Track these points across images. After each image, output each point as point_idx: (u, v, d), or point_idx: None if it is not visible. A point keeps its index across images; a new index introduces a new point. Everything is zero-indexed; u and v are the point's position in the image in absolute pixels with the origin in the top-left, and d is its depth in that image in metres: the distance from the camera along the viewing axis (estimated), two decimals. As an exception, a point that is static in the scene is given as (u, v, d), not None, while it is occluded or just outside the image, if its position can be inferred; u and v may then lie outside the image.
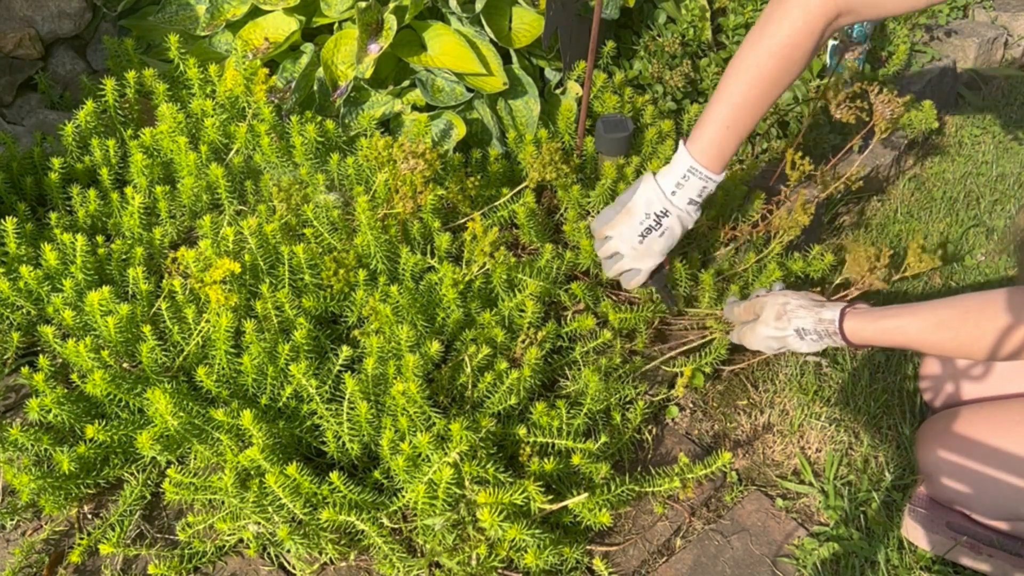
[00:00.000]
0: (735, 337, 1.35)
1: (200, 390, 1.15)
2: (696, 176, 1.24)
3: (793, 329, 1.25)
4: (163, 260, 1.37)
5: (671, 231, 1.28)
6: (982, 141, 2.26)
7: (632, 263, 1.31)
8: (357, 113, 1.59)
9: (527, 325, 1.25)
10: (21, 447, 1.10)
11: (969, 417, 1.20)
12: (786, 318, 1.25)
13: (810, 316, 1.23)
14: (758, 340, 1.29)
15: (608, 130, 1.49)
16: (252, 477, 1.07)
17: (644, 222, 1.27)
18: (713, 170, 1.24)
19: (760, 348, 1.30)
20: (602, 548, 1.18)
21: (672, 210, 1.26)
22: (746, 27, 1.89)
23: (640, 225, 1.27)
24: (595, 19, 1.36)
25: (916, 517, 1.20)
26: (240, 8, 1.68)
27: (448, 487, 1.03)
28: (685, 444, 1.34)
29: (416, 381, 1.07)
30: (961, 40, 2.53)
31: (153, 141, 1.48)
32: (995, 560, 1.15)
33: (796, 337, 1.25)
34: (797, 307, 1.25)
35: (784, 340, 1.27)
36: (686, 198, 1.26)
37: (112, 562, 1.10)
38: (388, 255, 1.33)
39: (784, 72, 1.18)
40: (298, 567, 1.09)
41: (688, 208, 1.27)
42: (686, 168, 1.24)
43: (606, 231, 1.31)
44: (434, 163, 1.26)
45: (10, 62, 1.75)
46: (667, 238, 1.29)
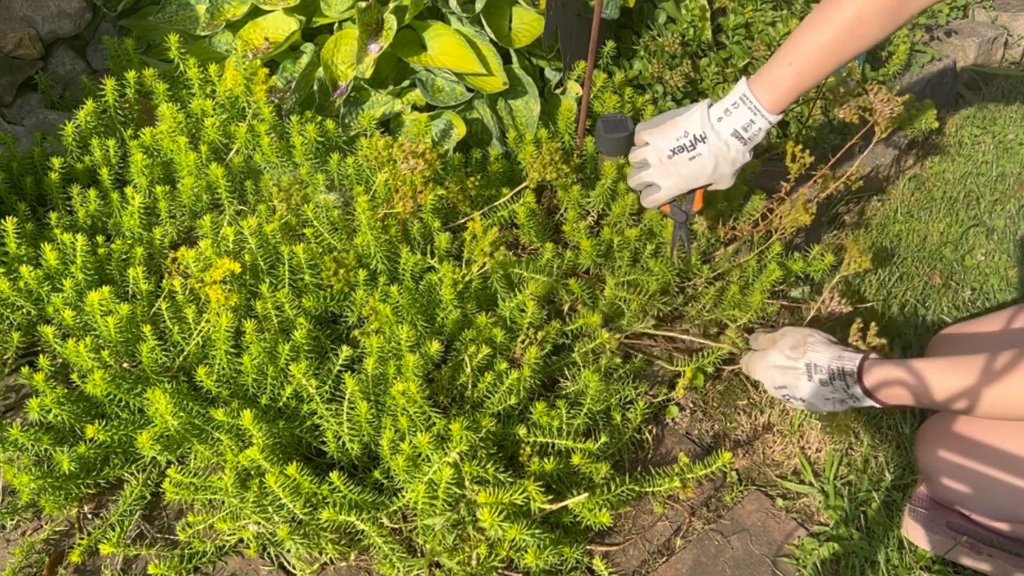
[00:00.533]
0: (743, 363, 1.31)
1: (200, 390, 1.15)
2: (746, 105, 1.19)
3: (804, 363, 1.17)
4: (163, 260, 1.37)
5: (702, 159, 1.22)
6: (982, 141, 2.26)
7: (655, 177, 1.26)
8: (357, 113, 1.59)
9: (527, 325, 1.25)
10: (21, 447, 1.10)
11: (969, 418, 1.20)
12: (802, 349, 1.18)
13: (828, 352, 1.16)
14: (763, 368, 1.23)
15: (608, 130, 1.49)
16: (252, 477, 1.07)
17: (680, 140, 1.22)
18: (765, 104, 1.17)
19: (762, 379, 1.24)
20: (602, 548, 1.18)
21: (711, 136, 1.20)
22: (746, 27, 1.89)
23: (676, 141, 1.23)
24: (595, 19, 1.36)
25: (916, 517, 1.20)
26: (240, 8, 1.68)
27: (448, 487, 1.03)
28: (685, 444, 1.34)
29: (416, 381, 1.07)
30: (961, 40, 2.53)
31: (153, 141, 1.48)
32: (995, 560, 1.15)
33: (804, 374, 1.17)
34: (818, 342, 1.19)
35: (789, 374, 1.19)
36: (731, 128, 1.20)
37: (112, 562, 1.10)
38: (388, 255, 1.33)
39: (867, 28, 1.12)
40: (298, 567, 1.09)
41: (730, 140, 1.20)
42: (738, 96, 1.20)
43: (645, 136, 1.27)
44: (434, 163, 1.26)
45: (10, 62, 1.75)
46: (696, 165, 1.22)
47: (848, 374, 1.13)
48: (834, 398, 1.16)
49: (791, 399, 1.22)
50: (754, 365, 1.26)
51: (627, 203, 1.44)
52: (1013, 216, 1.93)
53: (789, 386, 1.20)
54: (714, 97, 1.79)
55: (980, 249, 1.83)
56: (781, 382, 1.20)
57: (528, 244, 1.48)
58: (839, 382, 1.14)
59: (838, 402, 1.17)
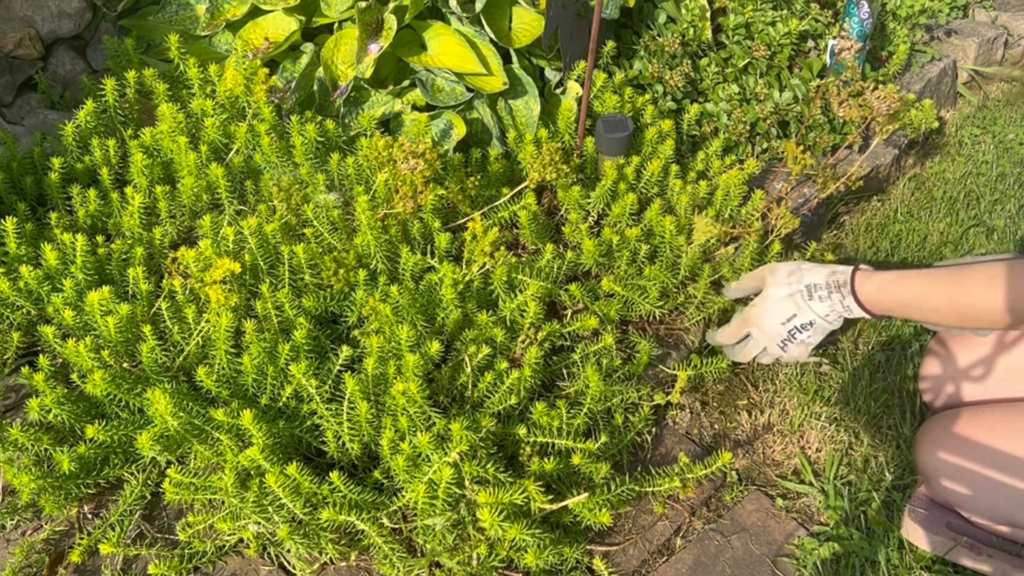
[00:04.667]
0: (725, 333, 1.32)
1: (200, 390, 1.15)
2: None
3: (805, 285, 1.20)
4: (163, 260, 1.37)
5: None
6: (982, 141, 2.26)
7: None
8: (357, 113, 1.59)
9: (527, 325, 1.25)
10: (21, 447, 1.10)
11: (970, 419, 1.20)
12: (798, 274, 1.22)
13: (822, 270, 1.20)
14: (767, 308, 1.24)
15: (608, 130, 1.49)
16: (252, 477, 1.07)
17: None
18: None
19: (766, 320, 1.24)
20: (602, 548, 1.18)
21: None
22: (746, 27, 1.89)
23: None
24: (595, 19, 1.36)
25: (916, 517, 1.20)
26: (240, 8, 1.68)
27: (448, 487, 1.03)
28: (685, 444, 1.34)
29: (416, 381, 1.07)
30: (961, 40, 2.53)
31: (153, 141, 1.48)
32: (995, 560, 1.15)
33: (806, 296, 1.20)
34: (809, 265, 1.23)
35: (797, 298, 1.20)
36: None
37: (112, 562, 1.10)
38: (388, 255, 1.33)
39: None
40: (298, 567, 1.09)
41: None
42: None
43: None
44: (434, 163, 1.26)
45: (10, 62, 1.75)
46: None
47: (843, 285, 1.17)
48: (833, 314, 1.19)
49: (797, 332, 1.23)
50: (753, 315, 1.27)
51: (627, 203, 1.44)
52: (1013, 216, 1.93)
53: (800, 311, 1.22)
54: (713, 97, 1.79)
55: (980, 249, 1.83)
56: (792, 310, 1.22)
57: (529, 244, 1.48)
58: (836, 295, 1.17)
59: (836, 318, 1.20)
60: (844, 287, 1.18)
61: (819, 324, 1.23)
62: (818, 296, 1.20)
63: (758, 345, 1.30)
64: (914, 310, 1.15)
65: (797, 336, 1.25)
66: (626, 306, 1.41)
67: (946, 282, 1.11)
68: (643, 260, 1.44)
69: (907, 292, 1.14)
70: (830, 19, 2.04)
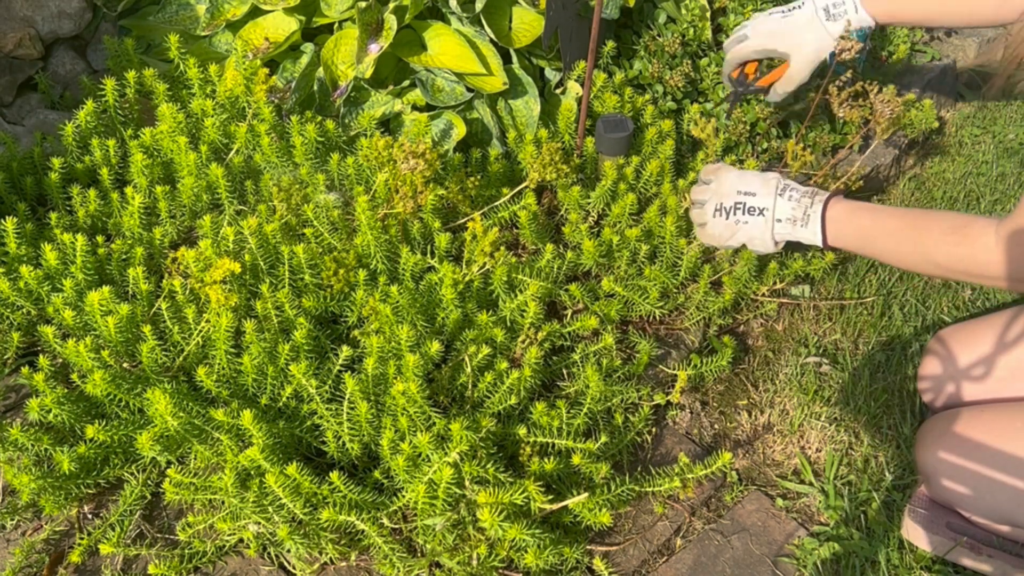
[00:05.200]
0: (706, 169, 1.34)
1: (200, 390, 1.15)
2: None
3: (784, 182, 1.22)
4: (163, 260, 1.37)
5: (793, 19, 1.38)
6: (982, 141, 2.26)
7: (748, 28, 1.44)
8: (357, 113, 1.59)
9: (527, 325, 1.25)
10: (21, 447, 1.10)
11: (970, 419, 1.20)
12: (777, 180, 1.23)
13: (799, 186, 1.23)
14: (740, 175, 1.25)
15: (608, 130, 1.49)
16: (252, 477, 1.07)
17: (784, 7, 1.41)
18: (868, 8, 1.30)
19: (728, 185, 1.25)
20: (602, 548, 1.18)
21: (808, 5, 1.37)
22: (746, 27, 1.89)
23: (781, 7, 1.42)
24: (595, 19, 1.36)
25: (916, 518, 1.20)
26: (240, 8, 1.68)
27: (448, 487, 1.03)
28: (685, 444, 1.34)
29: (416, 381, 1.07)
30: (961, 40, 2.53)
31: (153, 141, 1.48)
32: (995, 560, 1.15)
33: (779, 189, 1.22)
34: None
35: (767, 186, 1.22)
36: (823, 3, 1.36)
37: (112, 562, 1.10)
38: (388, 255, 1.33)
39: None
40: (298, 567, 1.09)
41: (819, 12, 1.36)
42: None
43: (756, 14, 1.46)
44: (434, 163, 1.26)
45: (10, 62, 1.75)
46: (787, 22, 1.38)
47: (816, 196, 1.19)
48: (786, 222, 1.20)
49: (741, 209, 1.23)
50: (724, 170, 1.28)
51: (627, 203, 1.44)
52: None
53: (762, 195, 1.22)
54: (714, 97, 1.79)
55: (980, 249, 1.82)
56: (757, 189, 1.23)
57: (529, 245, 1.48)
58: (806, 200, 1.19)
59: (784, 229, 1.21)
60: (818, 197, 1.19)
61: (765, 222, 1.21)
62: (789, 195, 1.20)
63: (704, 194, 1.29)
64: (870, 242, 1.17)
65: (737, 212, 1.23)
66: (626, 306, 1.41)
67: (906, 220, 1.14)
68: (643, 260, 1.44)
69: (865, 220, 1.17)
70: (830, 19, 2.03)
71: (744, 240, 1.26)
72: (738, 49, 1.47)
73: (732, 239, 1.26)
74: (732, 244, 1.29)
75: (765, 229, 1.22)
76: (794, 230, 1.20)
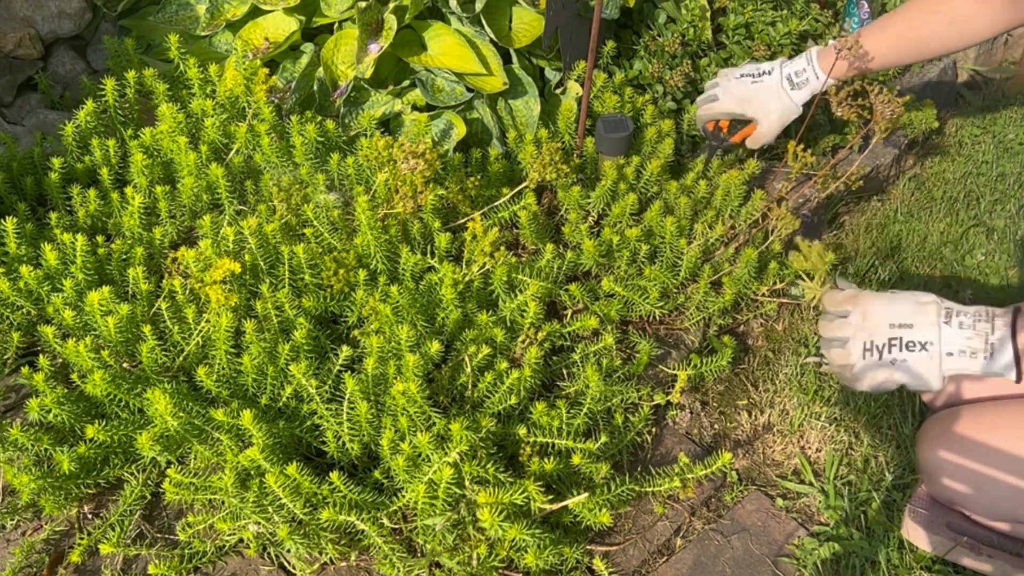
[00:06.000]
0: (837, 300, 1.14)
1: (200, 390, 1.15)
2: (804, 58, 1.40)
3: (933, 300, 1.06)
4: (163, 260, 1.37)
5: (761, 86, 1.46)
6: (982, 141, 2.25)
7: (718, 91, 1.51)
8: (357, 113, 1.59)
9: (527, 325, 1.25)
10: (21, 447, 1.10)
11: (970, 417, 1.20)
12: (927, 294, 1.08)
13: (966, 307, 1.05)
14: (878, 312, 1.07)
15: (608, 130, 1.49)
16: (252, 477, 1.07)
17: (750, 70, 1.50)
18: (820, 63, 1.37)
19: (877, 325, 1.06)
20: (602, 548, 1.18)
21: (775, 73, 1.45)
22: (746, 27, 1.89)
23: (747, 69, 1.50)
24: (595, 19, 1.36)
25: (916, 517, 1.20)
26: (240, 8, 1.68)
27: (448, 487, 1.03)
28: (685, 444, 1.34)
29: (416, 381, 1.07)
30: (961, 40, 2.52)
31: (153, 141, 1.48)
32: (996, 560, 1.15)
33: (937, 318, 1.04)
34: None
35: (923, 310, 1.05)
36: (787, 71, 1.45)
37: (112, 562, 1.10)
38: (388, 255, 1.33)
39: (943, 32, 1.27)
40: (298, 567, 1.09)
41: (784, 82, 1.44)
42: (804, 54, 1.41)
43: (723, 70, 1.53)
44: (434, 163, 1.26)
45: (10, 62, 1.75)
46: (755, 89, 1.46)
47: (997, 317, 1.03)
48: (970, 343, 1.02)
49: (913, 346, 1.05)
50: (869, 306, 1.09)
51: (627, 203, 1.44)
52: (1013, 216, 1.93)
53: (917, 324, 1.05)
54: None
55: (980, 249, 1.83)
56: (911, 317, 1.06)
57: (529, 245, 1.48)
58: (983, 324, 1.02)
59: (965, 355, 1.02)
60: (999, 320, 1.03)
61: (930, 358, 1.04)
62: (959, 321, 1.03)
63: (844, 330, 1.09)
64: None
65: (892, 351, 1.05)
66: (626, 306, 1.41)
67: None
68: (643, 260, 1.44)
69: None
70: (830, 19, 2.04)
71: (905, 381, 1.06)
72: (709, 107, 1.55)
73: (889, 382, 1.06)
74: (889, 387, 1.08)
75: (931, 366, 1.02)
76: (972, 363, 1.00)
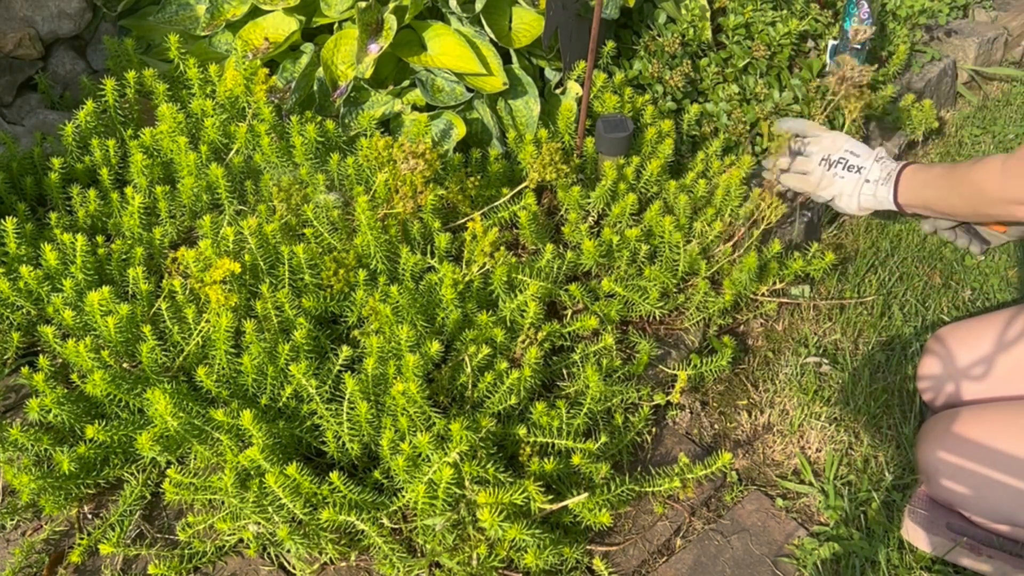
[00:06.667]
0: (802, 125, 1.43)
1: (200, 390, 1.15)
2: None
3: (875, 149, 1.34)
4: (163, 260, 1.37)
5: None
6: (982, 141, 2.26)
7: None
8: (357, 113, 1.59)
9: (527, 325, 1.25)
10: (21, 447, 1.10)
11: (970, 419, 1.20)
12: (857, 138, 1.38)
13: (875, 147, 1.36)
14: (845, 136, 1.38)
15: (608, 130, 1.49)
16: (252, 477, 1.07)
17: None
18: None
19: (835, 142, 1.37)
20: (602, 548, 1.18)
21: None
22: (746, 27, 1.89)
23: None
24: (595, 19, 1.36)
25: (916, 518, 1.20)
26: (240, 8, 1.68)
27: (448, 487, 1.03)
28: (685, 444, 1.34)
29: (416, 381, 1.07)
30: (961, 40, 2.53)
31: (153, 141, 1.48)
32: (995, 561, 1.15)
33: (875, 153, 1.34)
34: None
35: (861, 148, 1.36)
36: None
37: (112, 562, 1.10)
38: (388, 255, 1.33)
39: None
40: (298, 567, 1.09)
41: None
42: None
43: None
44: (434, 163, 1.26)
45: (10, 62, 1.75)
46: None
47: (901, 162, 1.31)
48: (873, 182, 1.33)
49: (844, 164, 1.37)
50: (826, 131, 1.41)
51: (627, 203, 1.44)
52: (1013, 216, 1.93)
53: (862, 155, 1.36)
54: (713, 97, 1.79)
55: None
56: (858, 149, 1.37)
57: (529, 245, 1.48)
58: (892, 163, 1.33)
59: (873, 187, 1.33)
60: (901, 163, 1.32)
61: (858, 180, 1.34)
62: (882, 160, 1.33)
63: (813, 146, 1.40)
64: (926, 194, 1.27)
65: (838, 166, 1.36)
66: (626, 306, 1.41)
67: (953, 169, 1.23)
68: (643, 260, 1.44)
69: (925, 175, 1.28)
70: (830, 19, 2.04)
71: (835, 192, 1.37)
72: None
73: (825, 189, 1.38)
74: (822, 194, 1.39)
75: (856, 187, 1.34)
76: (876, 189, 1.32)
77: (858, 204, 1.36)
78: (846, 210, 1.39)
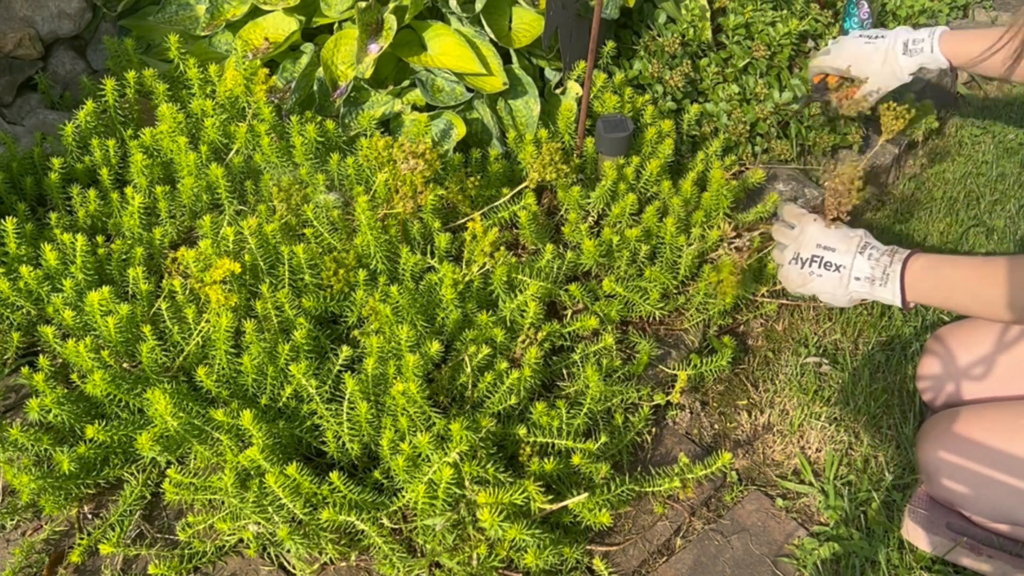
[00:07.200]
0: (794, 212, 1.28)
1: (200, 390, 1.15)
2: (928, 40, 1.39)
3: (865, 240, 1.19)
4: (163, 260, 1.37)
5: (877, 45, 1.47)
6: (982, 141, 2.26)
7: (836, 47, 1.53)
8: (357, 113, 1.59)
9: (527, 325, 1.25)
10: (21, 447, 1.10)
11: (970, 418, 1.20)
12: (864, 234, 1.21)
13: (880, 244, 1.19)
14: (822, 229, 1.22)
15: (608, 130, 1.49)
16: (252, 477, 1.07)
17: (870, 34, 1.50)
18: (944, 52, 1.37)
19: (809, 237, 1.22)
20: (602, 548, 1.18)
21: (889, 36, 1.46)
22: (746, 27, 1.89)
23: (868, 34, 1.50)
24: (595, 19, 1.36)
25: (916, 518, 1.20)
26: (240, 8, 1.68)
27: (448, 487, 1.03)
28: (685, 444, 1.34)
29: (416, 381, 1.07)
30: (961, 40, 2.52)
31: (153, 141, 1.48)
32: (995, 561, 1.15)
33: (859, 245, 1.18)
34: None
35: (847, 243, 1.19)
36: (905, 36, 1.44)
37: (112, 562, 1.10)
38: (388, 255, 1.33)
39: None
40: (298, 567, 1.09)
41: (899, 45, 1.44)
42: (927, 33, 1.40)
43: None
44: (434, 163, 1.26)
45: (10, 62, 1.75)
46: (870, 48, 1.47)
47: (896, 255, 1.16)
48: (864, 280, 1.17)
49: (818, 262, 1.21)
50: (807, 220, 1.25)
51: (627, 203, 1.44)
52: (1013, 216, 1.93)
53: (842, 251, 1.19)
54: (713, 97, 1.79)
55: (980, 249, 1.83)
56: (836, 244, 1.21)
57: (529, 245, 1.48)
58: (885, 259, 1.16)
59: (862, 288, 1.18)
60: (897, 256, 1.16)
61: (840, 279, 1.19)
62: (869, 253, 1.18)
63: (785, 238, 1.26)
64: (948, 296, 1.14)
65: (813, 264, 1.21)
66: (626, 306, 1.41)
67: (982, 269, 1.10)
68: (643, 260, 1.44)
69: (944, 273, 1.13)
70: (830, 19, 2.04)
71: (816, 292, 1.23)
72: (820, 60, 1.57)
73: (804, 288, 1.24)
74: (804, 292, 1.25)
75: (838, 286, 1.19)
76: (872, 290, 1.17)
77: (848, 301, 1.22)
78: (835, 306, 1.25)
